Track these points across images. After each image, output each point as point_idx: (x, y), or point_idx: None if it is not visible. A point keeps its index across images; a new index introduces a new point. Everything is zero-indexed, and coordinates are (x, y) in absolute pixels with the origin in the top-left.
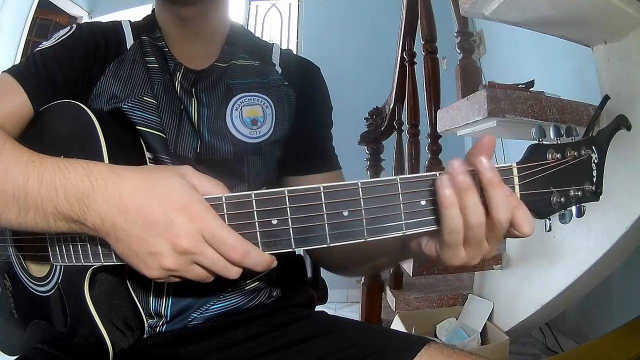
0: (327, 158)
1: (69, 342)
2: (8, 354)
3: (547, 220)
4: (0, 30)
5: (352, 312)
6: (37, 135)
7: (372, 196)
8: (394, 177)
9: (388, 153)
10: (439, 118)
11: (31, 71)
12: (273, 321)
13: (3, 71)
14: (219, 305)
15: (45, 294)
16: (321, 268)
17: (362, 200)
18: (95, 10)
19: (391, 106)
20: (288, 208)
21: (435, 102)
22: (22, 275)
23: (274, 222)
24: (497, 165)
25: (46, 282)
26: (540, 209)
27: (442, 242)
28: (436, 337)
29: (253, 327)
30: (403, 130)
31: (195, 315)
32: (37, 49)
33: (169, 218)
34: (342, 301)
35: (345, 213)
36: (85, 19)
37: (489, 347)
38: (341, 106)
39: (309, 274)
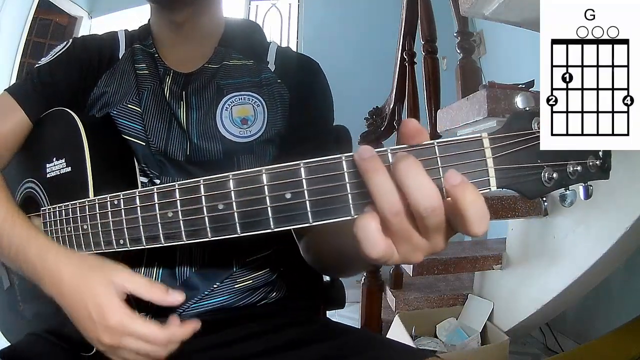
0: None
1: (64, 329)
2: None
3: (542, 201)
4: (0, 30)
5: (352, 312)
6: (32, 141)
7: (315, 176)
8: (339, 155)
9: None
10: (439, 118)
11: (29, 89)
12: (268, 323)
13: (4, 90)
14: (204, 303)
15: None
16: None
17: (304, 180)
18: (95, 10)
19: (391, 106)
20: (232, 192)
21: (435, 102)
22: None
23: (220, 207)
24: (464, 136)
25: None
26: (528, 187)
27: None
28: (436, 337)
29: (245, 328)
30: None
31: (180, 311)
32: (36, 65)
33: (92, 320)
34: None
35: (288, 195)
36: (85, 19)
37: (489, 347)
38: (341, 106)
39: (326, 277)
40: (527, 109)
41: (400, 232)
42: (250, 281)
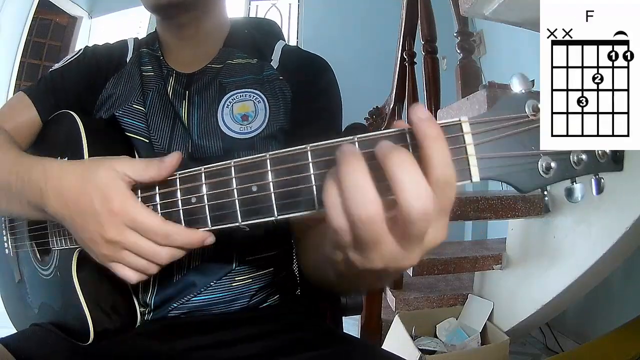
0: None
1: (64, 320)
2: None
3: (543, 195)
4: (0, 30)
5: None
6: (41, 140)
7: (280, 167)
8: (305, 146)
9: None
10: (439, 118)
11: (41, 90)
12: (268, 326)
13: (20, 89)
14: (197, 299)
15: (47, 277)
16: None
17: (269, 172)
18: (95, 10)
19: (391, 106)
20: (204, 185)
21: (435, 102)
22: (34, 262)
23: (193, 200)
24: (442, 121)
25: (48, 265)
26: (520, 178)
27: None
28: (436, 337)
29: (244, 329)
30: None
31: (175, 305)
32: (50, 70)
33: (94, 209)
34: None
35: (254, 188)
36: (85, 19)
37: (489, 347)
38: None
39: None
40: (523, 91)
41: (366, 240)
42: (250, 280)
